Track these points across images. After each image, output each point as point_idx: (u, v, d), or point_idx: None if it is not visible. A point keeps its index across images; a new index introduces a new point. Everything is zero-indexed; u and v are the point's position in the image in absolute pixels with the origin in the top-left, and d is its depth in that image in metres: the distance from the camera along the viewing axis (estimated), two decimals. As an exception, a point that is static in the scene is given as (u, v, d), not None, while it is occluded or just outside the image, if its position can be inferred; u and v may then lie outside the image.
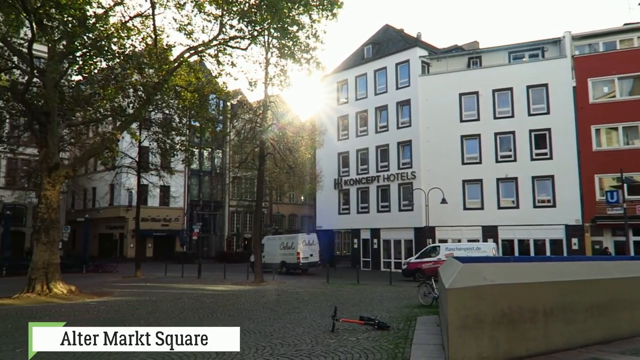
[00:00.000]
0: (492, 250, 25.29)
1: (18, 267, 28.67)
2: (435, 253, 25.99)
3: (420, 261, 26.17)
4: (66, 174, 18.94)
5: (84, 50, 16.78)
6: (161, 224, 46.35)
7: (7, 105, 21.00)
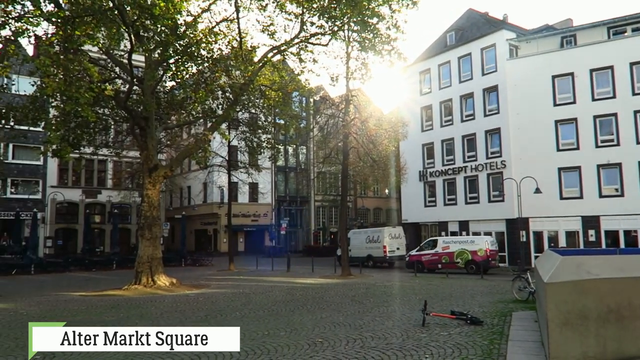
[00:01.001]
0: (486, 243, 25.68)
1: (126, 261, 31.24)
2: (434, 246, 27.12)
3: (420, 254, 27.30)
4: (164, 174, 20.28)
5: (176, 57, 17.82)
6: (251, 219, 48.22)
7: (111, 112, 22.84)
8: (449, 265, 25.65)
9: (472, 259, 25.11)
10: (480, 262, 24.23)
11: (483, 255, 24.99)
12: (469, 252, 25.42)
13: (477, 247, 25.31)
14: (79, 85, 13.97)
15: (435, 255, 26.44)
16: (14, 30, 13.27)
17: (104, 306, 13.81)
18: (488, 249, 25.27)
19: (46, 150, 18.02)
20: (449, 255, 25.95)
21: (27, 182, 39.13)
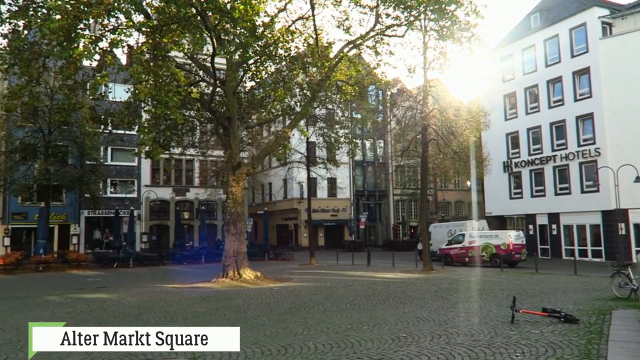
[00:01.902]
0: (509, 237, 26.16)
1: (213, 255, 32.74)
2: (461, 241, 27.81)
3: (449, 247, 28.20)
4: (247, 171, 21.02)
5: (255, 57, 18.38)
6: (330, 214, 48.71)
7: (197, 114, 24.03)
8: (474, 258, 26.28)
9: (496, 252, 25.80)
10: (504, 256, 25.01)
11: (506, 250, 25.71)
12: (493, 246, 26.16)
13: (501, 242, 26.12)
14: (168, 89, 14.84)
15: (463, 249, 27.26)
16: (110, 41, 14.34)
17: (195, 298, 14.60)
18: (511, 243, 25.91)
19: (140, 152, 19.31)
20: (474, 249, 26.60)
21: (124, 182, 42.24)
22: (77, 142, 32.13)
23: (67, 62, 14.21)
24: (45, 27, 12.82)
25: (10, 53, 15.39)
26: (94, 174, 33.61)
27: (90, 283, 20.72)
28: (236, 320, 10.37)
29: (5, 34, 15.42)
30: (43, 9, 14.55)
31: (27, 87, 16.37)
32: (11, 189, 32.26)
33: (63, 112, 24.79)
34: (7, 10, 14.82)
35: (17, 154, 31.42)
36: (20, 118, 29.64)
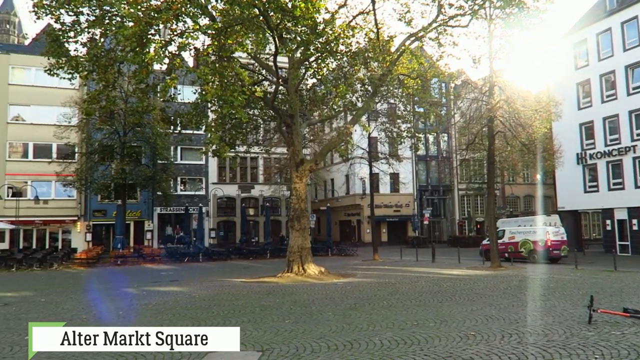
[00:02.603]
0: (547, 234, 25.66)
1: (278, 250, 33.46)
2: (502, 236, 27.73)
3: (489, 243, 27.07)
4: (310, 167, 21.25)
5: (317, 54, 18.52)
6: (393, 210, 48.26)
7: (260, 112, 24.57)
8: (514, 254, 26.02)
9: (534, 248, 25.78)
10: (541, 252, 24.99)
11: (544, 246, 25.57)
12: (531, 242, 26.16)
13: (539, 238, 26.02)
14: (233, 89, 15.28)
15: (503, 244, 27.00)
16: (178, 45, 14.96)
17: (261, 292, 14.97)
18: (549, 239, 25.65)
19: (207, 151, 20.03)
20: (514, 245, 26.51)
21: (193, 180, 44.03)
22: (149, 143, 33.86)
23: (139, 67, 14.98)
24: (119, 35, 13.60)
25: (89, 60, 16.44)
26: (165, 172, 35.29)
27: (163, 277, 21.78)
28: (301, 314, 10.54)
29: (84, 43, 16.50)
30: (117, 17, 15.43)
31: (104, 91, 17.43)
32: (91, 188, 34.52)
33: (136, 115, 26.18)
34: (86, 20, 15.85)
35: (96, 155, 33.59)
36: (98, 121, 31.63)
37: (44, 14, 15.27)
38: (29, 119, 39.24)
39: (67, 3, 14.88)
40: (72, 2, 14.82)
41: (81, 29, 16.05)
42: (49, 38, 16.61)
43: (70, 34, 16.24)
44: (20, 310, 12.16)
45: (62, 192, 38.47)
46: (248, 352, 7.32)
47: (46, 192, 38.28)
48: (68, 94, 35.03)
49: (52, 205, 38.50)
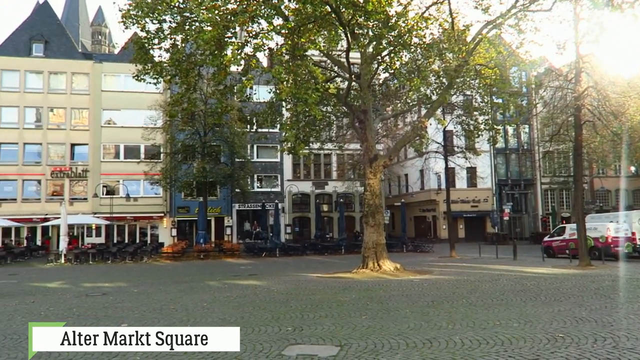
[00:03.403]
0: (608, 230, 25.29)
1: (352, 246, 33.57)
2: (562, 233, 27.85)
3: (551, 240, 28.57)
4: (384, 163, 21.07)
5: (389, 48, 18.29)
6: (470, 205, 46.79)
7: (333, 109, 24.71)
8: (574, 250, 24.61)
9: (595, 245, 25.05)
10: (602, 249, 24.23)
11: (604, 242, 25.10)
12: (592, 238, 25.19)
13: (599, 234, 25.56)
14: (307, 87, 15.50)
15: (564, 241, 26.95)
16: (253, 46, 15.41)
17: (337, 287, 15.08)
18: (609, 236, 25.27)
19: (284, 148, 20.46)
20: (574, 242, 24.80)
21: (269, 177, 45.24)
22: (227, 142, 35.20)
23: (218, 69, 15.60)
24: (199, 39, 14.24)
25: (171, 65, 17.38)
26: (242, 170, 36.55)
27: (243, 271, 22.57)
28: (378, 311, 10.50)
29: (167, 49, 17.45)
30: (196, 23, 16.16)
31: (186, 94, 18.35)
32: (175, 186, 36.51)
33: (215, 115, 27.28)
34: (168, 27, 16.75)
35: (179, 154, 35.46)
36: (181, 122, 33.32)
37: (131, 23, 16.33)
38: (120, 122, 42.22)
39: (152, 12, 15.80)
40: (156, 11, 15.72)
41: (164, 36, 16.99)
42: (135, 46, 17.74)
43: (154, 41, 17.26)
44: (117, 300, 13.12)
45: (149, 190, 41.09)
46: (327, 346, 7.41)
47: (136, 190, 41.03)
48: (154, 98, 37.26)
49: (142, 203, 41.20)
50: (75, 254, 29.54)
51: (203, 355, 6.83)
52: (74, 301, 13.21)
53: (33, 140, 41.03)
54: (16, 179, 40.40)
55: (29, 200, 40.51)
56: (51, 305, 12.35)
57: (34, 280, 19.86)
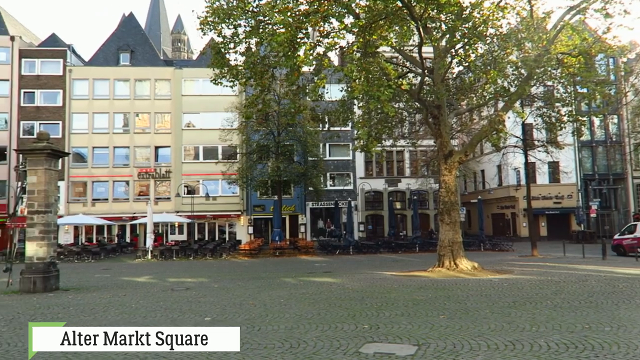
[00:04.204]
0: None
1: (427, 244, 33.00)
2: (633, 231, 27.36)
3: (622, 238, 27.84)
4: (459, 159, 20.49)
5: (464, 41, 17.73)
6: (553, 202, 44.35)
7: (406, 105, 24.36)
8: None
9: None
10: None
11: None
12: None
13: None
14: (379, 84, 15.42)
15: (635, 239, 26.26)
16: (325, 46, 15.55)
17: (412, 286, 14.89)
18: None
19: (356, 147, 20.48)
20: None
21: (341, 175, 45.45)
22: (300, 141, 35.82)
23: (291, 70, 15.90)
24: (273, 41, 14.60)
25: (246, 68, 17.94)
26: (315, 169, 37.01)
27: (317, 268, 22.88)
28: (456, 310, 10.25)
29: (242, 52, 18.03)
30: (270, 26, 16.57)
31: (261, 95, 18.87)
32: (251, 185, 37.67)
33: (289, 115, 27.81)
34: (243, 32, 17.31)
35: (254, 154, 36.55)
36: (255, 123, 34.33)
37: (209, 29, 17.05)
38: (199, 125, 44.27)
39: (227, 17, 16.40)
40: (232, 16, 16.30)
41: (239, 40, 17.57)
42: (212, 51, 18.48)
43: (230, 45, 17.89)
44: (199, 294, 13.80)
45: (227, 190, 42.72)
46: (404, 345, 7.35)
47: (214, 189, 42.85)
48: (230, 101, 38.72)
49: (220, 202, 42.95)
50: (161, 250, 31.36)
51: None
52: (160, 295, 14.04)
53: (121, 144, 44.02)
54: (107, 181, 43.54)
55: (119, 200, 43.50)
56: (140, 299, 13.22)
57: (124, 274, 21.35)
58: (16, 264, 17.09)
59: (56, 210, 16.25)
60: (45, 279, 15.13)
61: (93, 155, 43.84)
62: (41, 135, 16.16)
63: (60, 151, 17.98)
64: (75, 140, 43.50)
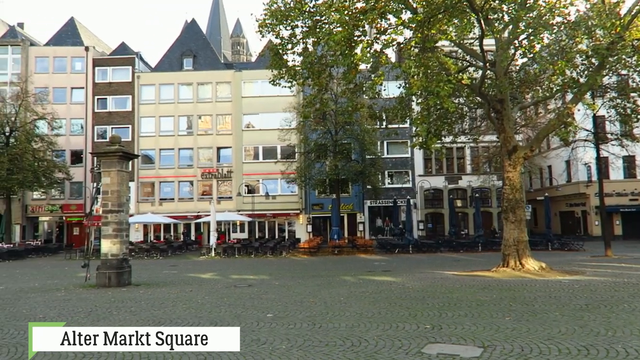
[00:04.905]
0: None
1: (490, 243, 31.98)
2: None
3: None
4: (525, 155, 19.67)
5: (528, 31, 16.99)
6: (628, 199, 41.73)
7: (466, 100, 23.68)
8: None
9: None
10: None
11: None
12: None
13: None
14: (439, 79, 15.07)
15: None
16: (383, 43, 15.41)
17: (475, 286, 14.46)
18: None
19: (415, 144, 20.15)
20: None
21: (399, 173, 44.93)
22: (358, 140, 35.77)
23: (348, 68, 15.89)
24: (330, 40, 14.64)
25: (304, 68, 18.10)
26: (373, 167, 36.84)
27: (376, 267, 22.74)
28: (523, 312, 9.85)
29: (300, 53, 18.22)
30: (326, 25, 16.62)
31: (318, 95, 19.00)
32: (310, 184, 38.04)
33: (346, 114, 27.87)
34: (300, 32, 17.48)
35: (312, 153, 36.87)
36: (313, 123, 34.64)
37: (267, 31, 17.36)
38: (258, 125, 45.25)
39: (285, 19, 16.62)
40: (289, 18, 16.51)
41: (297, 41, 17.78)
42: (271, 52, 18.80)
43: (288, 46, 18.14)
44: (261, 291, 14.09)
45: (286, 189, 43.39)
46: (469, 346, 7.16)
47: (274, 188, 43.64)
48: (288, 101, 39.28)
49: (279, 200, 43.69)
50: (223, 248, 32.32)
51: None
52: (224, 291, 14.47)
53: (186, 145, 45.78)
54: (173, 181, 45.42)
55: (184, 199, 45.25)
56: (206, 294, 13.68)
57: (190, 271, 22.18)
58: (93, 260, 18.16)
59: (128, 209, 17.14)
60: (119, 275, 16.00)
61: (160, 157, 45.87)
62: (113, 139, 17.09)
63: (131, 153, 18.96)
64: (143, 142, 45.71)
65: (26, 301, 13.08)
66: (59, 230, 47.38)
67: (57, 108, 43.32)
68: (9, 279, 19.76)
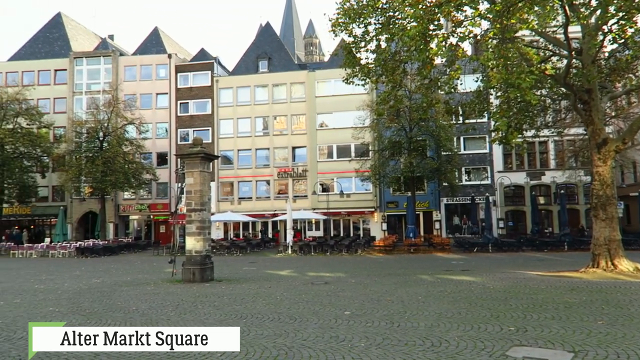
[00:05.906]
0: None
1: (577, 242, 30.12)
2: None
3: None
4: (616, 148, 18.34)
5: (619, 14, 15.80)
6: None
7: (549, 92, 22.44)
8: None
9: None
10: None
11: None
12: None
13: None
14: (519, 71, 14.42)
15: None
16: (459, 35, 14.99)
17: (562, 287, 13.71)
18: None
19: (494, 139, 19.41)
20: None
21: (477, 169, 43.44)
22: (433, 136, 35.02)
23: (423, 63, 15.61)
24: (404, 36, 14.46)
25: (378, 65, 18.02)
26: (449, 163, 35.90)
27: (454, 266, 22.18)
28: (617, 316, 9.21)
29: (373, 50, 18.16)
30: (400, 20, 16.43)
31: (392, 92, 18.82)
32: (384, 182, 37.78)
33: (421, 110, 27.34)
34: (373, 29, 17.42)
35: (386, 151, 36.57)
36: (387, 120, 34.35)
37: (340, 30, 17.47)
38: (331, 124, 45.60)
39: (358, 17, 16.64)
40: (362, 15, 16.50)
41: (370, 38, 17.74)
42: (344, 51, 18.89)
43: (361, 44, 18.14)
44: (337, 289, 14.25)
45: (360, 187, 43.40)
46: (557, 351, 6.83)
47: (348, 187, 43.80)
48: (361, 99, 39.22)
49: (354, 199, 43.78)
50: (300, 246, 32.93)
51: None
52: (302, 288, 14.78)
53: (262, 145, 47.11)
54: (251, 180, 46.91)
55: (261, 198, 46.59)
56: (284, 291, 14.05)
57: (268, 268, 22.85)
58: (178, 256, 19.23)
59: (209, 208, 17.98)
60: (202, 270, 16.83)
61: (238, 157, 47.56)
62: (196, 141, 17.99)
63: (212, 155, 19.87)
64: (222, 144, 47.62)
65: (120, 294, 14.14)
66: (147, 228, 50.54)
67: (144, 113, 46.21)
68: (104, 273, 21.41)
